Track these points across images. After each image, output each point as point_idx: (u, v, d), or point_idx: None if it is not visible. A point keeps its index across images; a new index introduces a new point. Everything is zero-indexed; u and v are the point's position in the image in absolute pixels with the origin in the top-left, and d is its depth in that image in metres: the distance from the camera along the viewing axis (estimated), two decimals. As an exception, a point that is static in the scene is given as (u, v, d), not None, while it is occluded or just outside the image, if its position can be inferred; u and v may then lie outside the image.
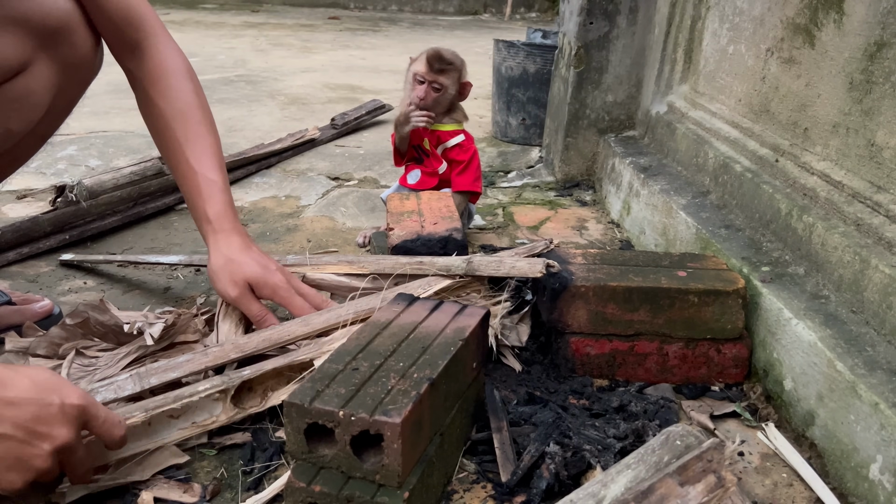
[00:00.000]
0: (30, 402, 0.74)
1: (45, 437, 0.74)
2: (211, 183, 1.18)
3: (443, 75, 1.71)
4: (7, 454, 0.73)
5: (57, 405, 0.76)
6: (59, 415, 0.75)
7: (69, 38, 1.04)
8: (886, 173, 1.12)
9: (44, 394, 0.75)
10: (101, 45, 1.15)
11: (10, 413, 0.72)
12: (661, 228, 1.70)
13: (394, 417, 0.77)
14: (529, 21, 9.01)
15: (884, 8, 1.14)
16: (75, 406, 0.77)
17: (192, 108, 1.19)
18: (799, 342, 1.08)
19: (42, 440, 0.74)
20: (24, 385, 0.75)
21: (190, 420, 1.01)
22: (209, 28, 6.23)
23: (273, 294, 1.17)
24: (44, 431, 0.74)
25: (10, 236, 1.59)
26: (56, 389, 0.77)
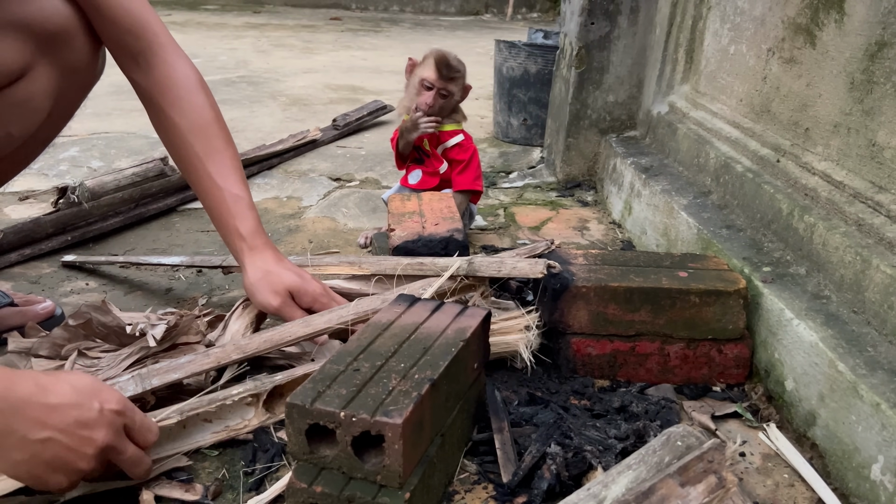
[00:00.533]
0: (71, 407, 0.77)
1: (87, 440, 0.78)
2: (238, 199, 1.18)
3: (451, 83, 1.72)
4: (53, 458, 0.76)
5: (97, 410, 0.79)
6: (100, 419, 0.79)
7: (69, 42, 1.04)
8: (887, 173, 1.12)
9: (84, 399, 0.79)
10: (102, 50, 1.15)
11: (54, 419, 0.76)
12: (663, 229, 1.70)
13: (395, 418, 0.77)
14: (531, 21, 9.01)
15: (884, 8, 1.14)
16: (114, 410, 0.81)
17: (209, 122, 1.18)
18: (800, 342, 1.08)
19: (85, 444, 0.77)
20: (65, 391, 0.78)
21: (223, 423, 1.02)
22: (211, 29, 6.24)
23: (314, 301, 1.18)
24: (86, 435, 0.78)
25: (12, 237, 1.59)
26: (96, 394, 0.80)
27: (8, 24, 0.97)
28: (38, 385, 0.77)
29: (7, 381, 0.75)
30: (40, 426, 0.75)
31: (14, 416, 0.74)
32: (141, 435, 0.86)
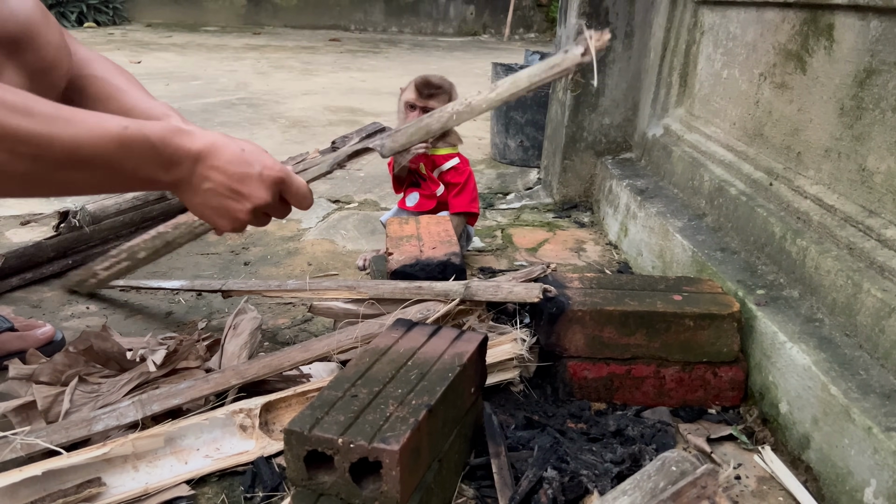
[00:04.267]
0: (234, 166, 0.90)
1: (245, 196, 0.91)
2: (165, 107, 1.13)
3: (432, 100, 1.74)
4: (218, 206, 0.91)
5: (257, 172, 0.91)
6: (258, 180, 0.91)
7: (33, 42, 1.00)
8: (877, 198, 1.14)
9: (247, 161, 0.91)
10: (68, 46, 1.10)
11: (216, 175, 0.90)
12: (658, 251, 1.72)
13: (392, 445, 0.78)
14: (528, 42, 9.09)
15: (872, 36, 1.17)
16: (273, 177, 0.93)
17: (127, 73, 1.16)
18: (793, 365, 1.10)
19: (243, 199, 0.91)
20: (233, 152, 0.91)
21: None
22: (211, 51, 6.30)
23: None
24: (245, 192, 0.91)
25: (13, 261, 1.61)
26: (259, 160, 0.92)
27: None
28: (214, 144, 0.90)
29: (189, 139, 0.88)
30: (205, 178, 0.90)
31: (194, 166, 0.89)
32: (296, 200, 0.99)
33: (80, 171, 0.82)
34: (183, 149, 0.88)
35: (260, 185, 0.92)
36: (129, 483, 0.97)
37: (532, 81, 0.99)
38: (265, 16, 9.13)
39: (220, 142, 0.91)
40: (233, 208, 0.92)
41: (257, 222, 0.97)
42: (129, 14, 8.65)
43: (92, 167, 0.83)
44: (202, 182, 0.90)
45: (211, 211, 0.92)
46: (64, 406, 1.07)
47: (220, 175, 0.90)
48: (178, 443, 1.02)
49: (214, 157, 0.90)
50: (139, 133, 0.85)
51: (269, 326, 1.49)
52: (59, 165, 0.81)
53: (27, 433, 0.99)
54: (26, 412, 1.07)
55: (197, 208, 0.93)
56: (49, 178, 0.82)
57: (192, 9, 8.95)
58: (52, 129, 0.79)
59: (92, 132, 0.82)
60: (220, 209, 0.92)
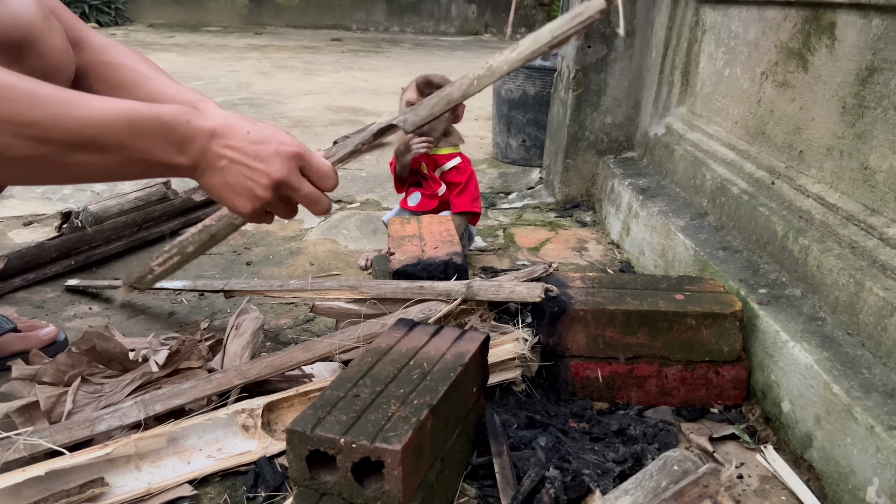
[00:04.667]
0: (249, 143, 0.89)
1: (262, 172, 0.89)
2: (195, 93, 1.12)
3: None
4: (235, 183, 0.89)
5: (273, 147, 0.90)
6: (274, 154, 0.90)
7: (35, 47, 1.00)
8: (879, 196, 1.14)
9: (262, 137, 0.90)
10: (71, 51, 1.09)
11: (230, 151, 0.89)
12: (660, 250, 1.72)
13: (394, 444, 0.78)
14: (530, 41, 9.06)
15: (874, 34, 1.16)
16: (289, 151, 0.91)
17: (149, 60, 1.16)
18: (796, 364, 1.09)
19: (259, 174, 0.89)
20: (245, 129, 0.90)
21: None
22: (213, 51, 6.30)
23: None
24: (261, 168, 0.89)
25: (16, 262, 1.61)
26: (274, 136, 0.92)
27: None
28: (227, 123, 0.90)
29: (201, 118, 0.88)
30: (220, 156, 0.88)
31: (208, 144, 0.88)
32: (318, 177, 0.95)
33: (89, 153, 0.81)
34: (196, 127, 0.87)
35: (277, 158, 0.90)
36: (131, 483, 0.97)
37: (554, 35, 0.94)
38: (267, 16, 9.13)
39: (233, 120, 0.91)
40: (251, 185, 0.90)
41: (280, 205, 0.95)
42: (131, 14, 8.66)
43: (101, 148, 0.82)
44: (218, 160, 0.89)
45: (229, 190, 0.90)
46: (67, 406, 1.07)
47: (235, 152, 0.89)
48: (181, 443, 1.02)
49: (229, 135, 0.89)
50: (149, 112, 0.84)
51: (272, 326, 1.49)
52: (67, 147, 0.80)
53: (30, 433, 0.99)
54: (29, 412, 1.07)
55: (216, 189, 0.91)
56: (58, 162, 0.81)
57: (194, 9, 8.95)
58: (56, 109, 0.78)
59: (99, 112, 0.81)
60: (239, 187, 0.90)
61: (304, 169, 0.94)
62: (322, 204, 0.97)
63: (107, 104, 0.82)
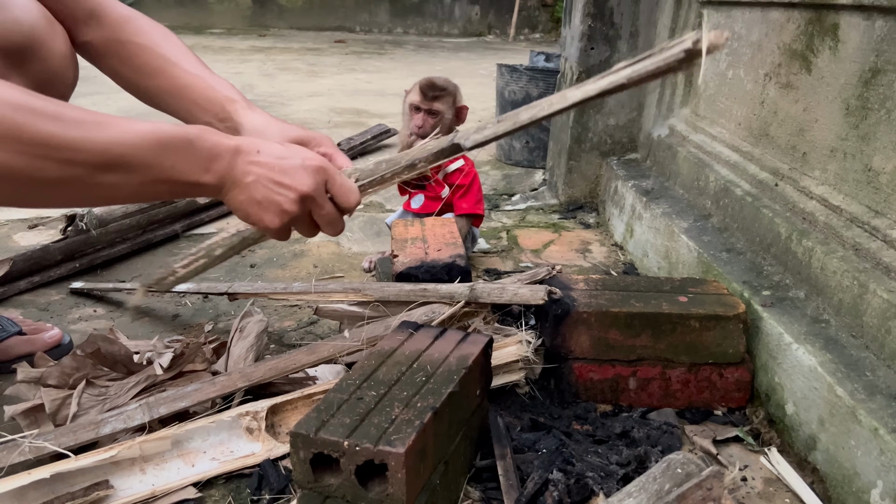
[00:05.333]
0: (275, 159, 0.89)
1: (289, 186, 0.89)
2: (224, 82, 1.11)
3: (437, 101, 1.74)
4: (263, 198, 0.89)
5: (298, 161, 0.90)
6: (300, 168, 0.90)
7: (38, 52, 0.99)
8: (883, 198, 1.14)
9: (286, 153, 0.91)
10: (74, 55, 1.09)
11: (257, 168, 0.89)
12: (664, 251, 1.71)
13: (397, 447, 0.78)
14: (533, 42, 9.09)
15: (877, 35, 1.16)
16: (315, 166, 0.91)
17: (175, 38, 1.13)
18: (799, 367, 1.09)
19: (288, 188, 0.89)
20: (270, 146, 0.90)
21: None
22: (217, 53, 6.32)
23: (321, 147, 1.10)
24: (288, 182, 0.89)
25: (21, 265, 1.62)
26: (298, 152, 0.92)
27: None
28: (251, 141, 0.90)
29: (226, 137, 0.88)
30: (247, 172, 0.88)
31: (234, 160, 0.87)
32: (342, 195, 0.94)
33: (116, 174, 0.81)
34: (221, 144, 0.87)
35: (303, 172, 0.90)
36: (136, 485, 0.97)
37: (631, 78, 0.94)
38: (270, 17, 9.16)
39: (256, 140, 0.91)
40: (279, 199, 0.90)
41: (304, 222, 0.94)
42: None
43: (128, 168, 0.81)
44: (245, 176, 0.88)
45: (257, 206, 0.90)
46: (72, 409, 1.07)
47: (261, 167, 0.89)
48: (185, 445, 1.03)
49: (254, 152, 0.89)
50: (175, 130, 0.84)
51: (275, 329, 1.50)
52: (95, 168, 0.79)
53: (35, 436, 1.00)
54: (34, 415, 1.08)
55: (243, 206, 0.90)
56: (85, 183, 0.80)
57: (198, 11, 8.98)
58: (83, 131, 0.78)
59: (126, 132, 0.80)
60: (266, 201, 0.89)
61: (327, 184, 0.93)
62: (339, 226, 0.97)
63: (132, 125, 0.82)
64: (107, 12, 1.10)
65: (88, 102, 3.38)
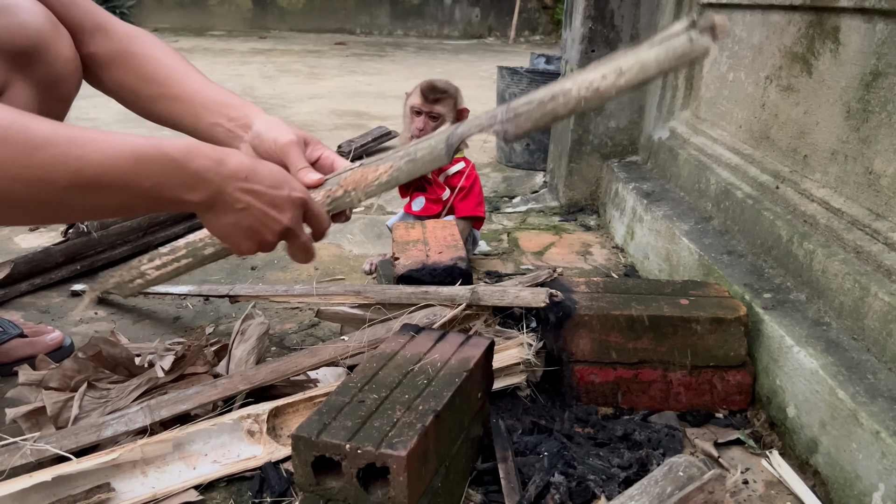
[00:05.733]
0: (268, 188, 0.89)
1: (275, 219, 0.90)
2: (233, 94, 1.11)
3: (438, 104, 1.74)
4: (248, 227, 0.89)
5: (286, 194, 0.91)
6: (288, 202, 0.91)
7: (43, 55, 0.99)
8: (884, 201, 1.14)
9: (279, 182, 0.91)
10: (78, 59, 1.08)
11: (250, 197, 0.88)
12: (665, 254, 1.72)
13: (399, 450, 0.78)
14: (533, 44, 9.10)
15: (878, 38, 1.16)
16: (300, 197, 0.93)
17: (181, 55, 1.14)
18: (801, 369, 1.09)
19: (273, 221, 0.90)
20: (265, 174, 0.90)
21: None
22: (217, 55, 6.33)
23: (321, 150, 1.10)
24: (274, 215, 0.90)
25: (22, 267, 1.62)
26: (287, 182, 0.92)
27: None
28: (244, 165, 0.88)
29: (219, 156, 0.86)
30: (237, 199, 0.87)
31: (225, 185, 0.86)
32: (316, 222, 0.97)
33: (91, 195, 0.77)
34: (209, 166, 0.84)
35: (290, 205, 0.91)
36: (137, 488, 0.97)
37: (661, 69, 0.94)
38: (271, 20, 9.17)
39: (246, 159, 0.89)
40: (263, 231, 0.90)
41: (271, 248, 0.94)
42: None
43: (104, 189, 0.78)
44: (235, 203, 0.87)
45: (241, 233, 0.89)
46: (73, 412, 1.07)
47: (255, 198, 0.88)
48: (187, 448, 1.03)
49: (250, 178, 0.87)
50: (156, 148, 0.81)
51: (277, 331, 1.50)
52: (68, 190, 0.75)
53: (37, 439, 1.00)
54: (36, 418, 1.08)
55: (224, 228, 0.89)
56: (59, 203, 0.77)
57: (199, 13, 8.99)
58: (54, 151, 0.74)
59: (102, 150, 0.77)
60: (250, 231, 0.89)
61: (306, 213, 0.95)
62: (311, 255, 0.99)
63: (110, 140, 0.78)
64: (115, 27, 1.11)
65: (90, 104, 3.38)
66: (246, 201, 0.87)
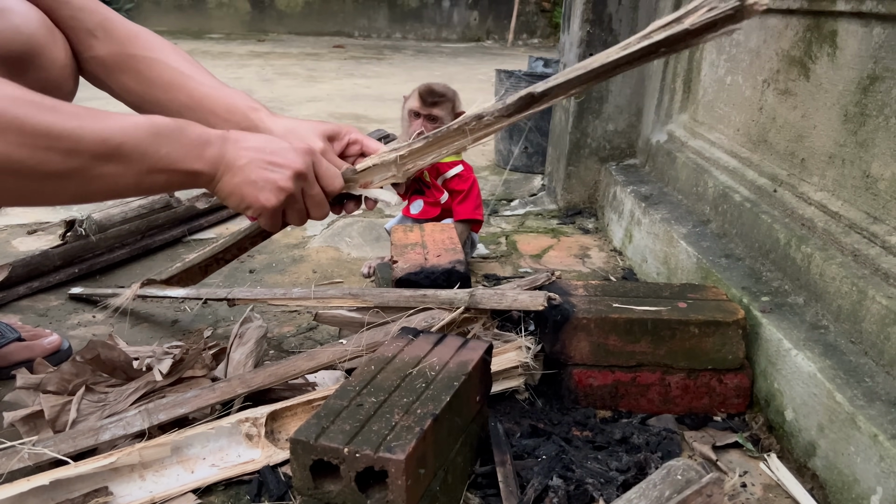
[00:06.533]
0: (265, 142, 0.95)
1: (281, 165, 0.94)
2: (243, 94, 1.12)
3: (436, 107, 1.74)
4: (258, 177, 0.93)
5: (287, 145, 0.96)
6: (290, 150, 0.95)
7: (37, 60, 0.98)
8: (882, 204, 1.14)
9: (274, 138, 0.97)
10: (74, 64, 1.07)
11: (250, 152, 0.93)
12: (663, 257, 1.72)
13: (398, 454, 0.78)
14: (531, 47, 9.11)
15: (875, 43, 1.17)
16: (303, 148, 0.97)
17: (184, 53, 1.14)
18: (799, 373, 1.09)
19: (280, 167, 0.94)
20: (257, 135, 0.97)
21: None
22: (216, 58, 6.33)
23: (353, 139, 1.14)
24: (280, 161, 0.94)
25: (20, 270, 1.62)
26: (285, 138, 0.99)
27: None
28: (238, 132, 0.95)
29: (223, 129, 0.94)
30: (239, 156, 0.92)
31: (224, 144, 0.92)
32: (327, 179, 1.00)
33: (114, 164, 0.83)
34: (209, 131, 0.92)
35: (293, 153, 0.95)
36: (135, 492, 0.97)
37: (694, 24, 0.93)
38: (269, 22, 9.17)
39: (241, 131, 0.96)
40: (275, 177, 0.93)
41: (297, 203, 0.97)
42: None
43: (125, 158, 0.84)
44: (237, 159, 0.92)
45: (252, 186, 0.93)
46: (71, 415, 1.07)
47: (253, 151, 0.93)
48: (185, 452, 1.03)
49: (243, 139, 0.94)
50: (167, 120, 0.89)
51: (275, 334, 1.50)
52: (95, 158, 0.82)
53: (35, 443, 1.00)
54: (34, 421, 1.08)
55: (238, 188, 0.93)
56: (86, 175, 0.83)
57: (197, 16, 8.99)
58: (82, 122, 0.81)
59: (122, 121, 0.84)
60: (261, 180, 0.93)
61: (315, 166, 0.98)
62: (325, 208, 1.02)
63: (126, 116, 0.86)
64: (115, 26, 1.11)
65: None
66: (247, 156, 0.93)
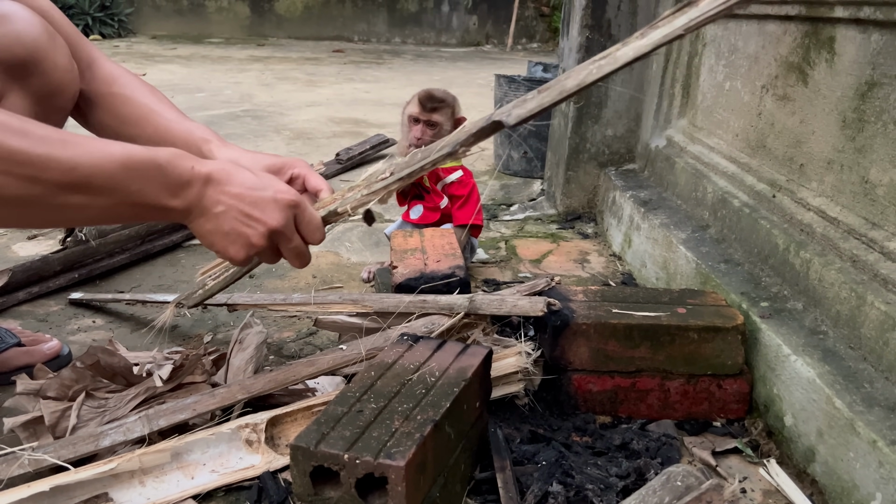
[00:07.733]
0: (248, 189, 0.89)
1: (258, 220, 0.89)
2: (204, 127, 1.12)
3: (436, 113, 1.75)
4: (230, 230, 0.89)
5: (270, 194, 0.90)
6: (272, 201, 0.90)
7: (39, 66, 0.99)
8: (880, 210, 1.14)
9: (259, 185, 0.91)
10: (76, 69, 1.08)
11: (229, 199, 0.89)
12: (662, 262, 1.72)
13: (398, 460, 0.78)
14: (531, 52, 9.12)
15: (873, 49, 1.17)
16: (287, 200, 0.92)
17: (157, 91, 1.16)
18: (798, 378, 1.10)
19: (257, 222, 0.90)
20: (245, 178, 0.90)
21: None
22: (215, 62, 6.34)
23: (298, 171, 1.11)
24: (257, 215, 0.89)
25: (20, 275, 1.62)
26: (271, 184, 0.92)
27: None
28: (224, 168, 0.90)
29: (198, 162, 0.88)
30: (216, 202, 0.88)
31: (204, 189, 0.88)
32: (308, 230, 0.96)
33: (81, 195, 0.81)
34: (192, 171, 0.87)
35: (274, 207, 0.90)
36: (136, 498, 0.97)
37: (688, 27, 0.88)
38: (269, 27, 9.18)
39: (230, 167, 0.91)
40: (248, 232, 0.90)
41: (269, 253, 0.95)
42: (134, 26, 8.71)
43: (94, 190, 0.81)
44: (214, 206, 0.88)
45: (223, 237, 0.90)
46: (71, 421, 1.07)
47: (232, 198, 0.89)
48: (185, 458, 1.03)
49: (226, 181, 0.89)
50: (144, 154, 0.84)
51: (275, 340, 1.50)
52: (58, 188, 0.79)
53: (35, 449, 1.00)
54: (34, 427, 1.08)
55: (208, 236, 0.91)
56: (49, 203, 0.80)
57: (197, 21, 9.01)
58: (49, 149, 0.78)
59: (92, 154, 0.81)
60: (233, 234, 0.90)
61: (296, 219, 0.94)
62: (305, 259, 0.98)
63: (101, 145, 0.82)
64: (100, 65, 1.13)
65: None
66: (225, 203, 0.88)
